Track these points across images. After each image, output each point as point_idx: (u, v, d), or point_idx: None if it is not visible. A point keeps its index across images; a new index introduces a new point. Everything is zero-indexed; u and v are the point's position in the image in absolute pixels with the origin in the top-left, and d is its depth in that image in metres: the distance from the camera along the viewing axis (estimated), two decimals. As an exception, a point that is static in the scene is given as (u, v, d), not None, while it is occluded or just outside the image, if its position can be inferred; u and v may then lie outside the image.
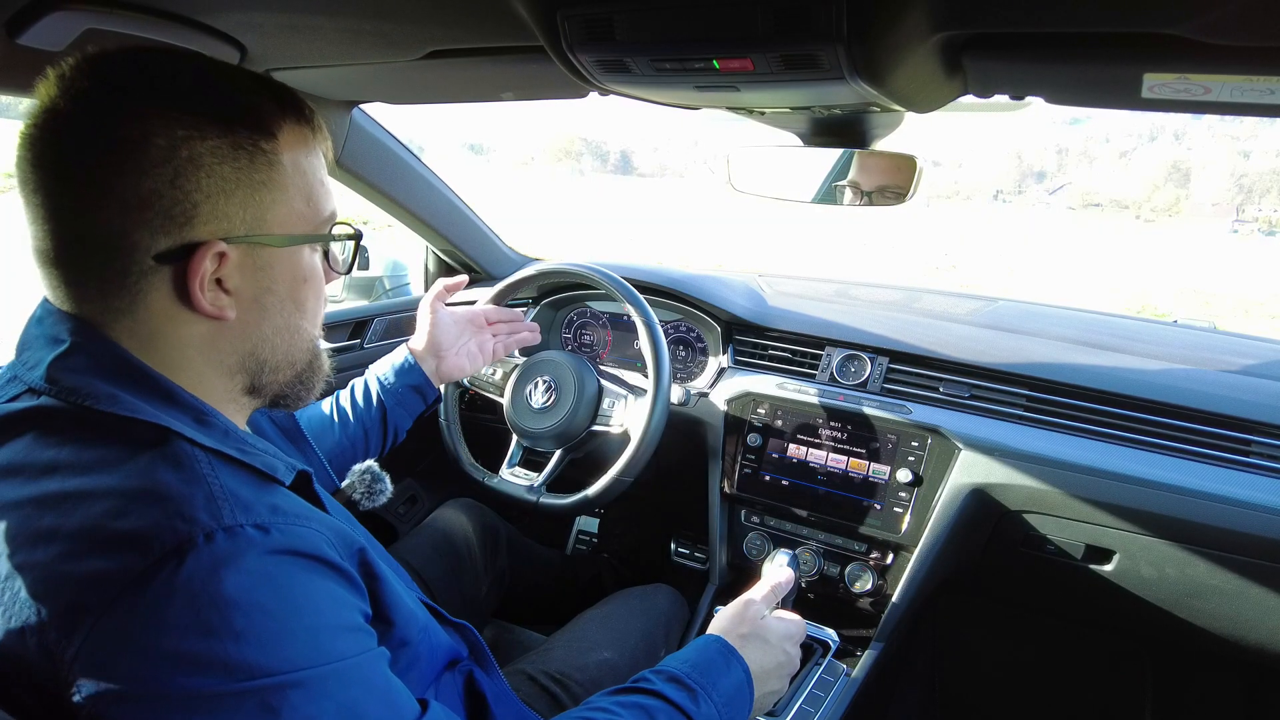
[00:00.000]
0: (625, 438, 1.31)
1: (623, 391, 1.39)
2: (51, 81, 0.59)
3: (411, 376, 1.22)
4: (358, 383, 1.21)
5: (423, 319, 1.27)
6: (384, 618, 0.70)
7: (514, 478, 1.40)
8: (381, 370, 1.22)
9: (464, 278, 1.33)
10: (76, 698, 0.51)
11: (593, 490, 1.31)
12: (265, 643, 0.53)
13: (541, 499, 1.35)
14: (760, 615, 0.98)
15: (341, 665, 0.57)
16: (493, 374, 1.47)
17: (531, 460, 1.46)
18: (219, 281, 0.63)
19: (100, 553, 0.53)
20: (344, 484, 1.08)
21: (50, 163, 0.59)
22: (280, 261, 0.67)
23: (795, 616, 1.02)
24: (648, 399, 1.29)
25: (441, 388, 1.47)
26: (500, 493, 1.38)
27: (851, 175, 1.14)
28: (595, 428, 1.37)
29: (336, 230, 0.73)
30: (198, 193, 0.60)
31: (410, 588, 0.83)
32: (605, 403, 1.39)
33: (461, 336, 1.29)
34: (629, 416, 1.34)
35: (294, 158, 0.66)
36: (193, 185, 0.60)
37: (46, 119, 0.59)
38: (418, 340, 1.26)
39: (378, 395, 1.19)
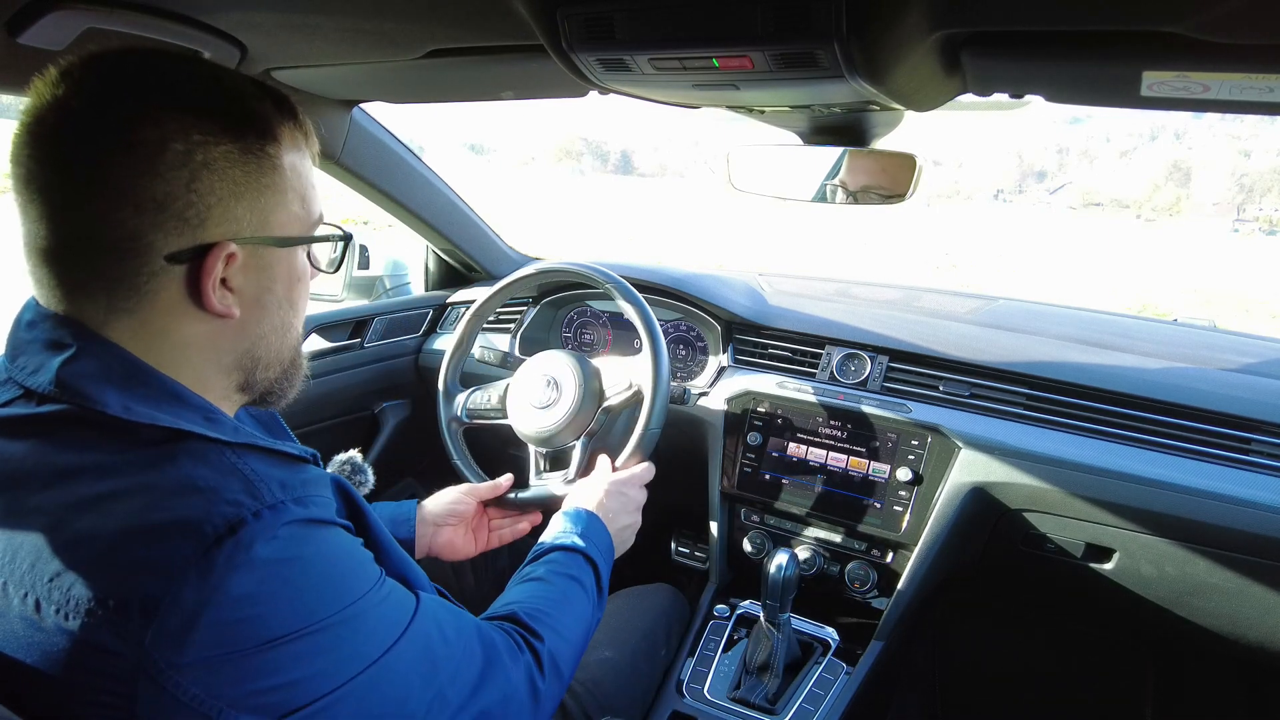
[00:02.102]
0: (638, 397, 1.28)
1: (618, 360, 1.37)
2: (56, 79, 0.59)
3: (400, 529, 1.18)
4: None
5: (461, 501, 1.25)
6: (375, 548, 0.76)
7: (543, 482, 1.37)
8: (377, 507, 1.18)
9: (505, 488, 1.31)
10: (161, 677, 0.53)
11: (628, 450, 1.24)
12: (321, 592, 0.60)
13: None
14: (606, 480, 1.17)
15: (374, 590, 0.65)
16: (488, 400, 1.44)
17: (556, 462, 1.42)
18: (224, 281, 0.64)
19: (154, 541, 0.55)
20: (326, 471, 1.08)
21: (60, 161, 0.59)
22: (280, 262, 0.69)
23: (638, 467, 1.23)
24: (646, 353, 1.26)
25: (445, 427, 1.44)
26: (534, 501, 1.31)
27: (851, 174, 1.14)
28: (606, 403, 1.34)
29: (328, 231, 0.75)
30: (211, 195, 0.61)
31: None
32: (606, 375, 1.36)
33: (466, 523, 1.26)
34: (634, 374, 1.31)
35: (291, 161, 0.68)
36: (207, 188, 0.61)
37: (56, 117, 0.59)
38: (435, 506, 1.23)
39: None
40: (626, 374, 1.33)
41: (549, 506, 1.32)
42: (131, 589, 0.54)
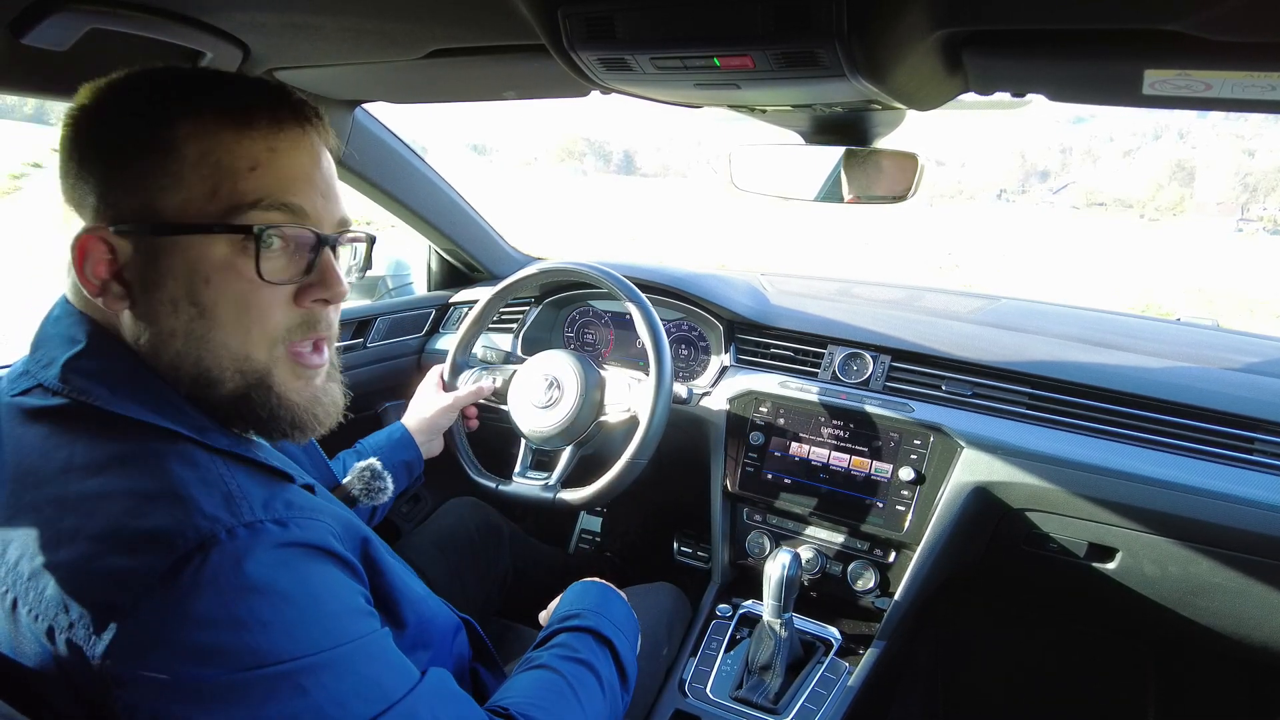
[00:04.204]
0: (633, 423, 1.30)
1: (625, 378, 1.39)
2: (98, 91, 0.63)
3: (406, 452, 1.28)
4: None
5: (445, 414, 1.39)
6: (389, 602, 0.72)
7: (527, 481, 1.39)
8: (375, 443, 1.28)
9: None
10: (112, 692, 0.52)
11: (608, 478, 1.29)
12: (291, 629, 0.56)
13: (557, 496, 1.34)
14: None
15: (360, 643, 0.60)
16: (492, 382, 1.46)
17: (541, 462, 1.45)
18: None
19: (125, 551, 0.54)
20: (344, 480, 1.09)
21: (94, 165, 0.62)
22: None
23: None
24: (651, 379, 1.29)
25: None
26: (515, 496, 1.37)
27: (853, 173, 1.13)
28: (602, 418, 1.36)
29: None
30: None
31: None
32: (609, 391, 1.38)
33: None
34: (634, 400, 1.33)
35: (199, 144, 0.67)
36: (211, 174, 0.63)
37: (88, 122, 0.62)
38: (420, 423, 1.35)
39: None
40: (628, 397, 1.34)
41: (529, 506, 1.37)
42: (97, 596, 0.53)
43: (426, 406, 1.38)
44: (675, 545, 1.96)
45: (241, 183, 0.63)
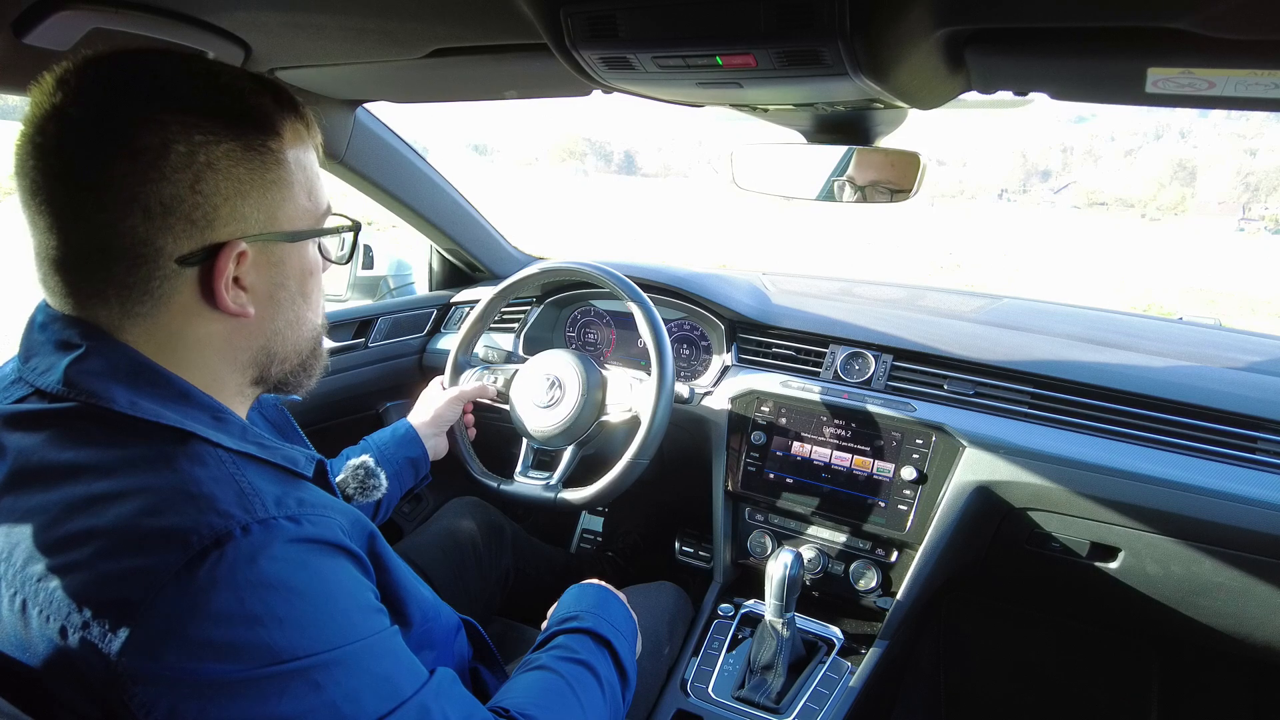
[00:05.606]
0: (635, 423, 1.31)
1: (626, 377, 1.39)
2: (52, 87, 0.59)
3: (412, 448, 1.28)
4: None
5: (451, 406, 1.38)
6: (395, 600, 0.73)
7: (528, 480, 1.40)
8: (380, 439, 1.27)
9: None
10: (128, 690, 0.52)
11: (610, 478, 1.30)
12: (306, 625, 0.56)
13: (559, 495, 1.34)
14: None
15: (373, 640, 0.61)
16: (494, 382, 1.46)
17: (543, 462, 1.45)
18: (236, 280, 0.64)
19: (139, 549, 0.54)
20: (338, 479, 1.08)
21: (65, 172, 0.58)
22: (291, 257, 0.69)
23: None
24: (653, 379, 1.29)
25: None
26: (516, 496, 1.38)
27: (855, 172, 1.13)
28: (604, 417, 1.37)
29: (336, 222, 0.74)
30: (217, 195, 0.61)
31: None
32: (610, 391, 1.38)
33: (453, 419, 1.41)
34: (636, 400, 1.34)
35: (295, 155, 0.67)
36: (212, 189, 0.61)
37: (57, 126, 0.58)
38: (424, 419, 1.34)
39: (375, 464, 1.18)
40: (630, 397, 1.34)
41: (530, 505, 1.38)
42: (112, 594, 0.53)
43: (432, 401, 1.38)
44: (677, 545, 1.96)
45: (318, 184, 0.70)
